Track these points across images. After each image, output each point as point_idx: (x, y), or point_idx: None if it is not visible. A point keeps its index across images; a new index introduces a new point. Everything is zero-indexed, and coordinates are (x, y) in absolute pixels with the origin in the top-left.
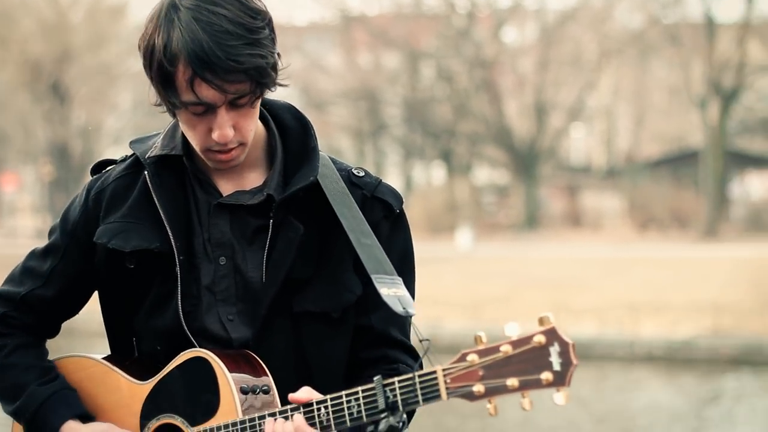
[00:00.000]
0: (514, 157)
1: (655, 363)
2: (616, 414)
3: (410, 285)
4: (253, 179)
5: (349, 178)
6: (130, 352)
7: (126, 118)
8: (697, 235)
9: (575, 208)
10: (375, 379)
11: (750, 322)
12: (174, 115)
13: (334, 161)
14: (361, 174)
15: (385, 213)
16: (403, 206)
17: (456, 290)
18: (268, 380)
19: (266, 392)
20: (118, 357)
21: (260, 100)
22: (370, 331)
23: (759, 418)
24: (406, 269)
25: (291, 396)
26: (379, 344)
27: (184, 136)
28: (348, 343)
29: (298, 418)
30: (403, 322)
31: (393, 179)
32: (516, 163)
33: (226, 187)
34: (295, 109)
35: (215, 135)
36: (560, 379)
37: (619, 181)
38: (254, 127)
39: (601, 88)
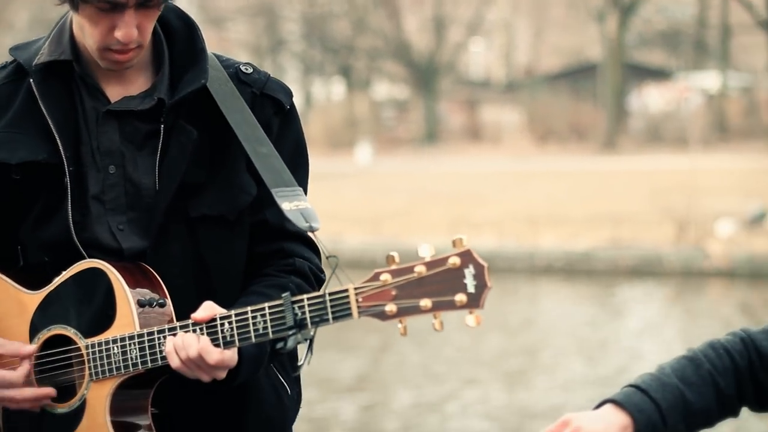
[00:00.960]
0: (413, 71)
1: (554, 275)
2: (519, 325)
3: (304, 179)
4: (141, 84)
5: (237, 75)
6: (14, 262)
7: (22, 36)
8: (595, 147)
9: (475, 122)
10: (284, 296)
11: (648, 233)
12: (76, 10)
13: (220, 59)
14: (249, 71)
15: (276, 110)
16: (294, 102)
17: (356, 205)
18: (165, 293)
19: (162, 305)
20: (2, 265)
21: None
22: (265, 226)
23: (657, 327)
24: (298, 162)
25: (194, 316)
26: (275, 238)
27: (72, 41)
28: (246, 245)
29: (204, 339)
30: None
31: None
32: (415, 77)
33: (114, 92)
34: (180, 10)
35: (119, 34)
36: (474, 302)
37: (519, 95)
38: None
39: (499, 2)
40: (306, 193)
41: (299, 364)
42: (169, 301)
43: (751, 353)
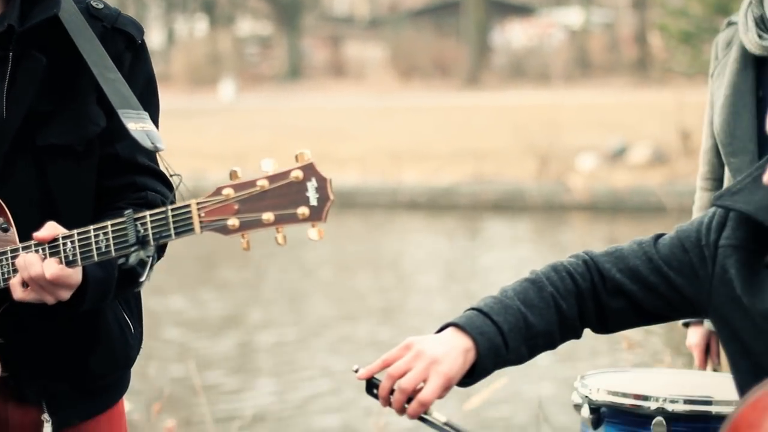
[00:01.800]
0: (276, 8)
1: (417, 210)
2: (383, 259)
3: (154, 114)
4: None
5: (88, 10)
6: None
7: None
8: (458, 83)
9: (338, 58)
10: (126, 213)
11: (510, 167)
12: None
13: None
14: (100, 6)
15: (127, 44)
16: (145, 37)
17: (219, 142)
18: (9, 220)
19: (5, 230)
20: None
21: None
22: (116, 159)
23: (522, 261)
24: (150, 98)
25: (35, 234)
26: (126, 171)
27: None
28: (94, 177)
29: (47, 260)
30: (150, 150)
31: (155, 33)
32: (279, 13)
33: None
34: None
35: None
36: (316, 215)
37: (382, 31)
38: None
39: None
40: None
41: (141, 280)
42: (13, 228)
43: (594, 275)
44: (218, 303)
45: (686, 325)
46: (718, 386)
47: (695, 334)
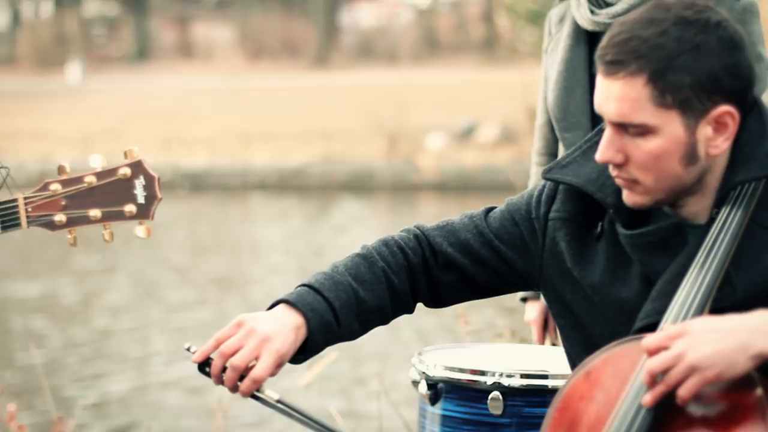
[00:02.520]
0: None
1: (267, 191)
2: (235, 241)
3: None
4: None
5: None
6: None
7: None
8: (307, 64)
9: (186, 39)
10: None
11: (360, 148)
12: None
13: None
14: None
15: None
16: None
17: (67, 125)
18: None
19: None
20: None
21: None
22: None
23: (369, 240)
24: None
25: None
26: None
27: None
28: None
29: None
30: None
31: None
32: None
33: None
34: None
35: None
36: (143, 212)
37: (230, 12)
38: None
39: None
40: None
41: None
42: None
43: (425, 250)
44: (71, 288)
45: (524, 300)
46: (555, 361)
47: (533, 310)
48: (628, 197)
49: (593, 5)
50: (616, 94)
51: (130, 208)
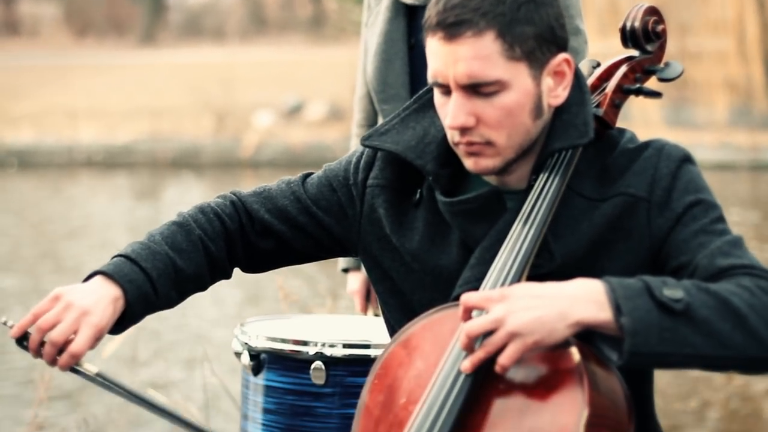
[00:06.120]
0: None
1: (94, 168)
2: (63, 219)
3: None
4: None
5: None
6: None
7: None
8: (134, 41)
9: (11, 16)
10: None
11: (187, 125)
12: None
13: None
14: None
15: None
16: None
17: None
18: None
19: None
20: None
21: None
22: None
23: None
24: None
25: None
26: None
27: None
28: None
29: None
30: None
31: None
32: None
33: None
34: None
35: None
36: None
37: None
38: None
39: None
40: None
41: None
42: None
43: (242, 216)
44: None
45: (345, 270)
46: (377, 331)
47: (355, 281)
48: (476, 164)
49: None
50: (465, 55)
51: None
